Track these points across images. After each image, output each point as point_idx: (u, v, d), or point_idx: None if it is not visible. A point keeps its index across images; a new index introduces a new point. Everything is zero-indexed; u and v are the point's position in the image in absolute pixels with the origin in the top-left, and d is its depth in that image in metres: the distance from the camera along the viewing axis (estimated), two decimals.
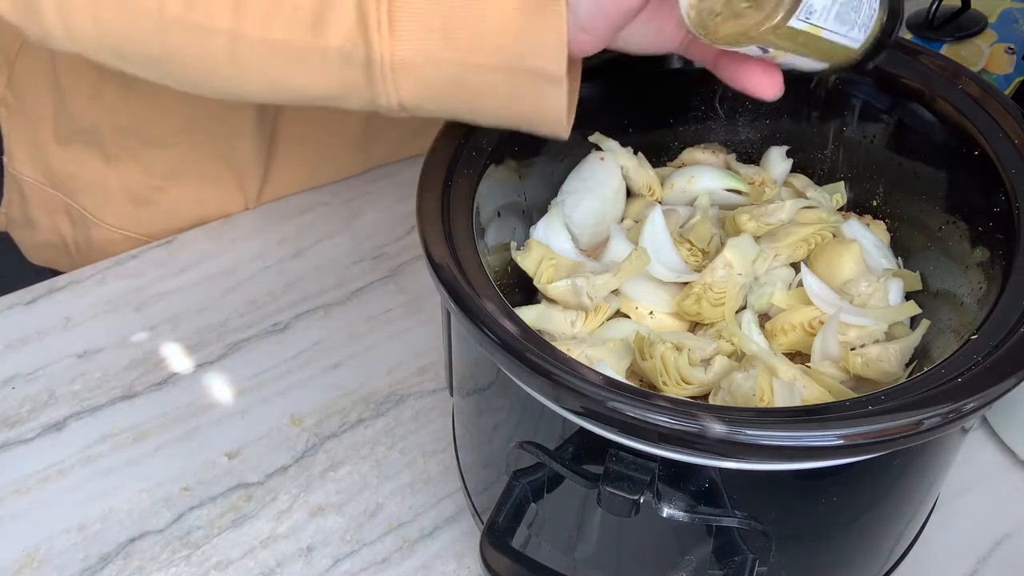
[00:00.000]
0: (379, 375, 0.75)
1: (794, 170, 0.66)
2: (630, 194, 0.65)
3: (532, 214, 0.62)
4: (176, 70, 0.56)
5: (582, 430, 0.47)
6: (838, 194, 0.64)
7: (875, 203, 0.64)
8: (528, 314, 0.57)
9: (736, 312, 0.58)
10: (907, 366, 0.56)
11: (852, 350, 0.56)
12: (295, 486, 0.68)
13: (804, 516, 0.50)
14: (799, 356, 0.58)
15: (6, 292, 0.79)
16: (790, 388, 0.52)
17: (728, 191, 0.64)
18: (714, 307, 0.57)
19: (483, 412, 0.56)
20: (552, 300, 0.58)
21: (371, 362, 0.75)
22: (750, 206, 0.62)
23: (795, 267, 0.60)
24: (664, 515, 0.46)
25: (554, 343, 0.50)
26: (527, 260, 0.59)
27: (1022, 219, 0.52)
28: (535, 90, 0.50)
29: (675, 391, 0.54)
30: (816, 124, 0.64)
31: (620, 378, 0.53)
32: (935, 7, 0.90)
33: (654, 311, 0.59)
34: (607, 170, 0.63)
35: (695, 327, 0.59)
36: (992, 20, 0.92)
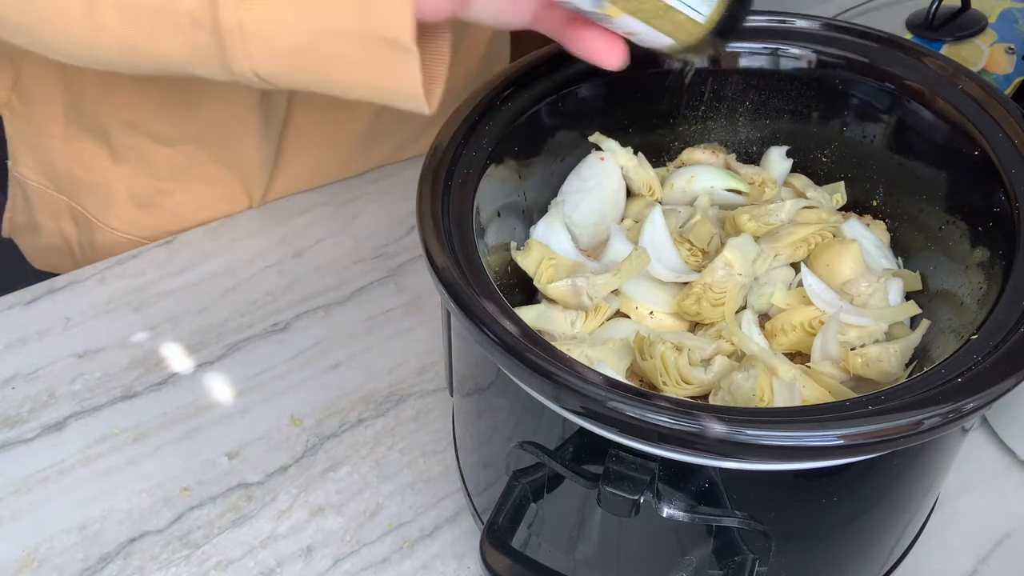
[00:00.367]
0: (379, 375, 0.75)
1: (794, 170, 0.66)
2: (630, 194, 0.65)
3: (532, 214, 0.62)
4: (32, 28, 0.54)
5: (582, 430, 0.47)
6: (838, 194, 0.64)
7: (875, 203, 0.64)
8: (528, 314, 0.57)
9: (736, 312, 0.58)
10: (907, 366, 0.56)
11: (852, 350, 0.56)
12: (295, 486, 0.68)
13: (804, 516, 0.50)
14: (799, 356, 0.58)
15: (6, 293, 0.79)
16: (790, 388, 0.52)
17: (728, 191, 0.64)
18: (714, 307, 0.57)
19: (483, 412, 0.56)
20: (552, 300, 0.58)
21: (371, 362, 0.75)
22: (750, 206, 0.62)
23: (795, 267, 0.60)
24: (664, 515, 0.46)
25: (554, 343, 0.50)
26: (527, 260, 0.59)
27: (1022, 219, 0.52)
28: (388, 60, 0.48)
29: (675, 391, 0.54)
30: (816, 124, 0.64)
31: (620, 378, 0.53)
32: (935, 7, 0.90)
33: (654, 311, 0.59)
34: (607, 170, 0.63)
35: (695, 327, 0.59)
36: (992, 20, 0.92)
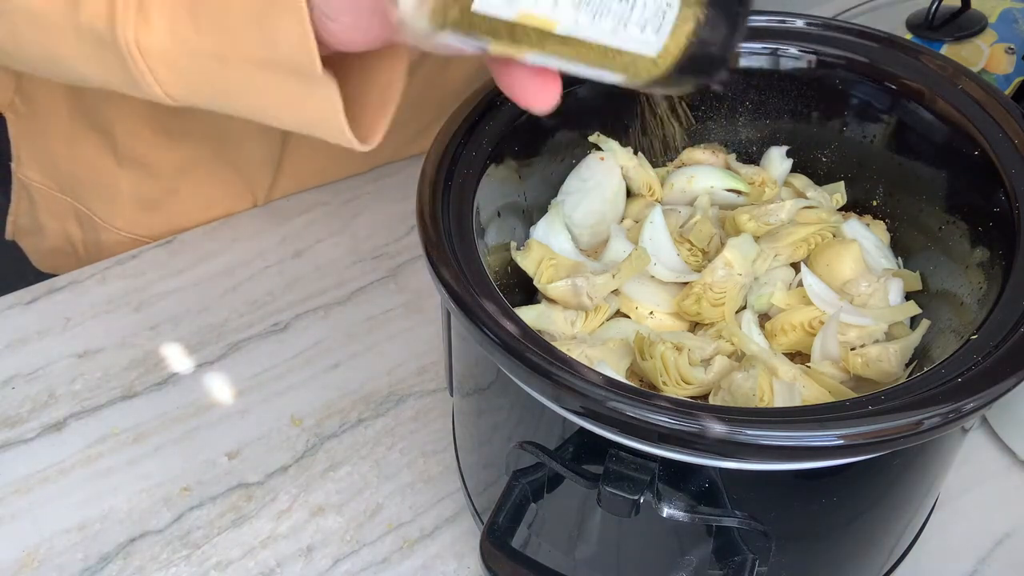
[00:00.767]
0: (379, 375, 0.74)
1: (794, 170, 0.66)
2: (630, 194, 0.65)
3: (532, 214, 0.62)
4: None
5: (582, 430, 0.47)
6: (838, 194, 0.64)
7: (875, 203, 0.64)
8: (528, 314, 0.57)
9: (736, 312, 0.58)
10: (907, 366, 0.56)
11: (852, 350, 0.56)
12: (295, 486, 0.68)
13: (804, 516, 0.50)
14: (799, 356, 0.58)
15: (6, 293, 0.79)
16: (790, 388, 0.52)
17: (728, 191, 0.64)
18: (714, 307, 0.57)
19: (483, 412, 0.56)
20: (552, 300, 0.58)
21: (371, 362, 0.75)
22: (750, 206, 0.62)
23: (795, 267, 0.60)
24: (664, 515, 0.46)
25: (554, 343, 0.50)
26: (527, 260, 0.59)
27: (1022, 219, 0.52)
28: (299, 89, 0.45)
29: (675, 391, 0.54)
30: (816, 124, 0.64)
31: (620, 378, 0.53)
32: (935, 7, 0.90)
33: (654, 311, 0.59)
34: (607, 170, 0.63)
35: (695, 327, 0.59)
36: (992, 20, 0.92)
